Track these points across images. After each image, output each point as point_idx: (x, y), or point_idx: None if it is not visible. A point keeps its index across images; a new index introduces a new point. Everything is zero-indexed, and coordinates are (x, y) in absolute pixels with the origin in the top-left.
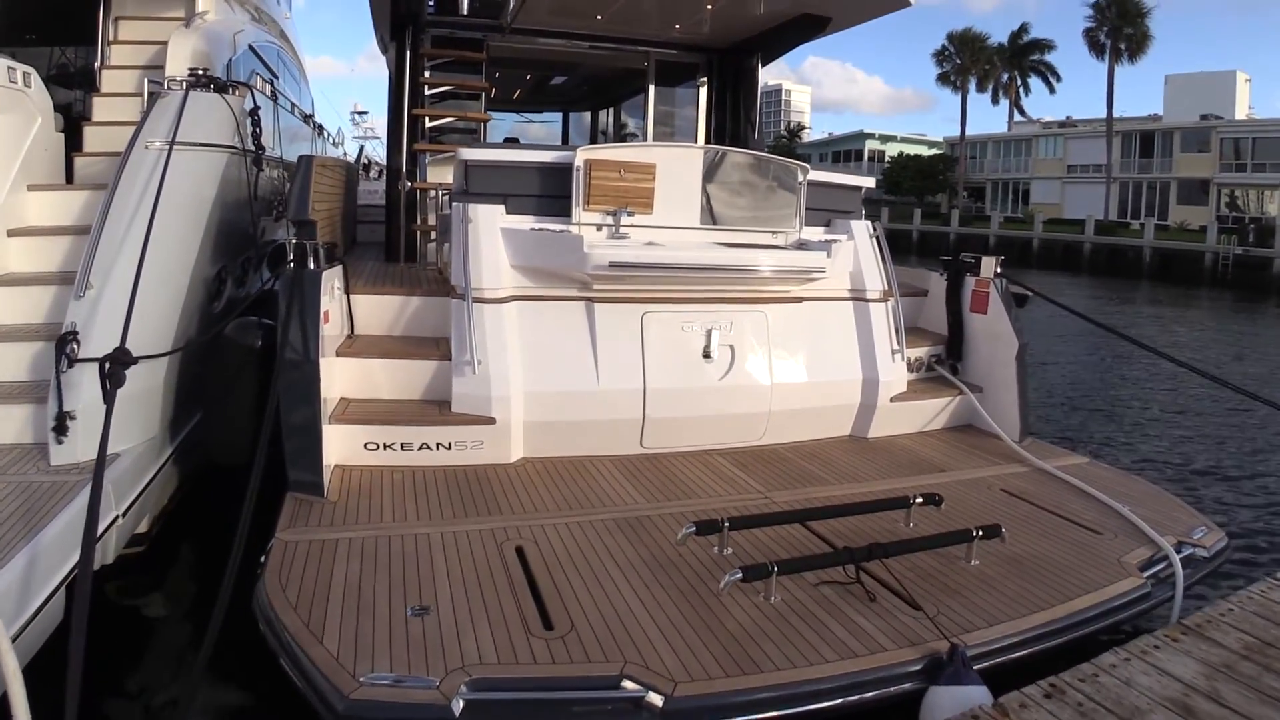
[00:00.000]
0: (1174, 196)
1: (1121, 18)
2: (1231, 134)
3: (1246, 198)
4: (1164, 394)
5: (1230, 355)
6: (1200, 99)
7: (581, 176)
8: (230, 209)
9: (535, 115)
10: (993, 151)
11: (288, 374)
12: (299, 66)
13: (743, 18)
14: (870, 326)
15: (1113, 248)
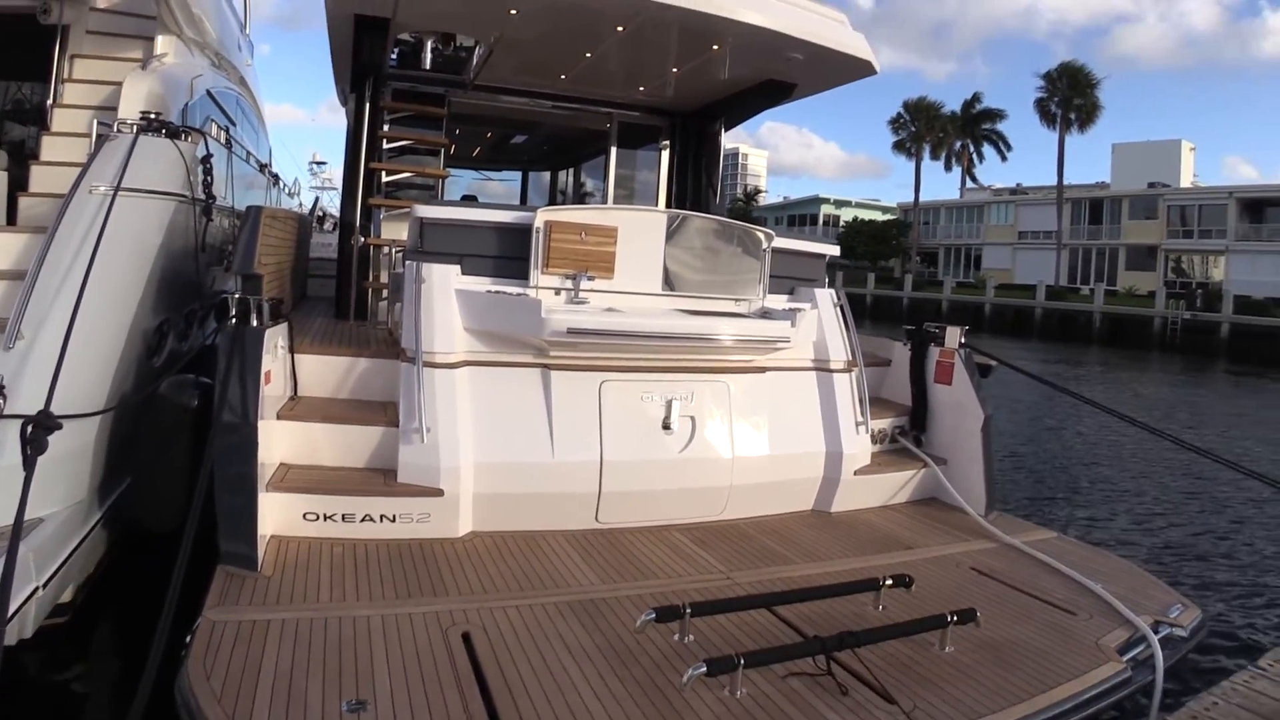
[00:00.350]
0: (1123, 262)
1: (1072, 89)
2: (1178, 201)
3: (1191, 263)
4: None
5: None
6: (1146, 167)
7: (541, 238)
8: (176, 259)
9: (494, 173)
10: (946, 217)
11: (224, 437)
12: (258, 114)
13: (707, 82)
14: (834, 397)
15: (1064, 313)
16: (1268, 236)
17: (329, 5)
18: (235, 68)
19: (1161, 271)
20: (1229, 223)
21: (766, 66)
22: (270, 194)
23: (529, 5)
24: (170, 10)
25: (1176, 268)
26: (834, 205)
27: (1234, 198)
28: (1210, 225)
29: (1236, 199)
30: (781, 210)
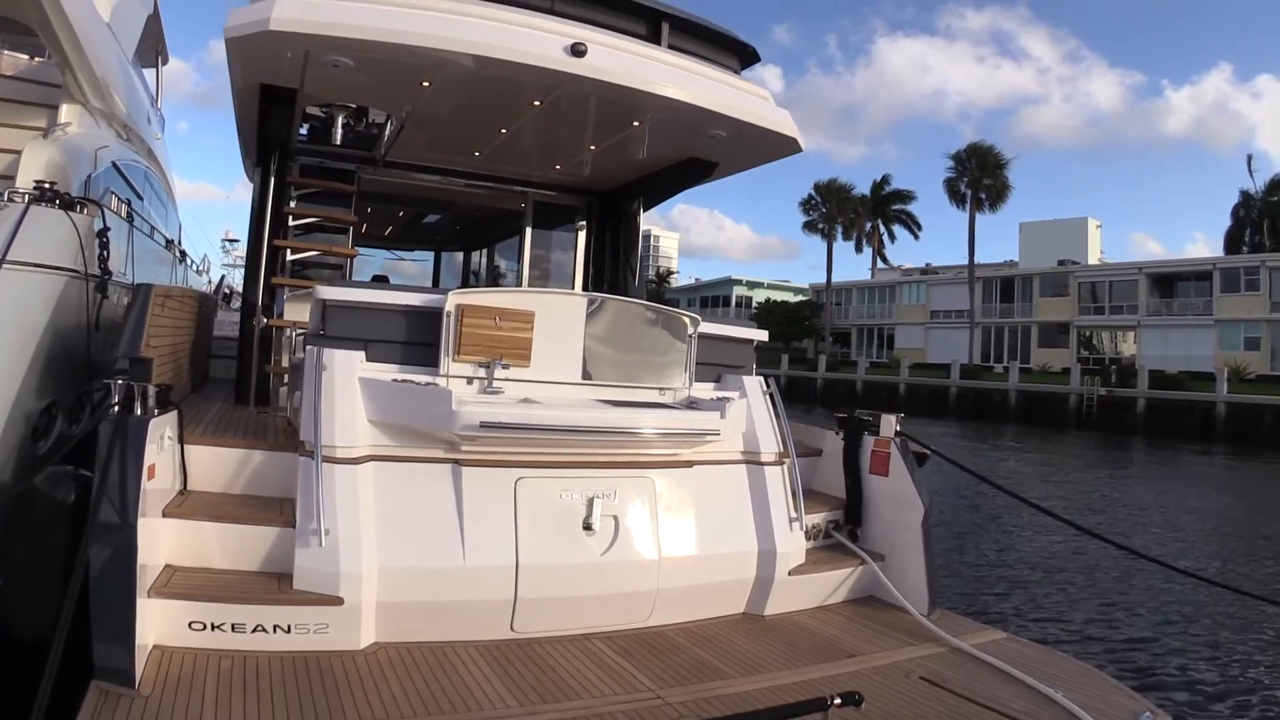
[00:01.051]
0: (1035, 339)
1: (981, 169)
2: (1088, 278)
3: (1101, 339)
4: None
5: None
6: (1054, 245)
7: (452, 323)
8: (66, 337)
9: (407, 253)
10: (858, 298)
11: (100, 537)
12: (167, 189)
13: (626, 161)
14: (766, 492)
15: (979, 391)
16: (1178, 311)
17: (234, 74)
18: (144, 141)
19: (1074, 348)
20: (1140, 298)
21: (688, 144)
22: (176, 271)
23: (442, 76)
24: (76, 79)
25: (1088, 343)
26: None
27: (1144, 273)
28: (1121, 301)
29: (1146, 274)
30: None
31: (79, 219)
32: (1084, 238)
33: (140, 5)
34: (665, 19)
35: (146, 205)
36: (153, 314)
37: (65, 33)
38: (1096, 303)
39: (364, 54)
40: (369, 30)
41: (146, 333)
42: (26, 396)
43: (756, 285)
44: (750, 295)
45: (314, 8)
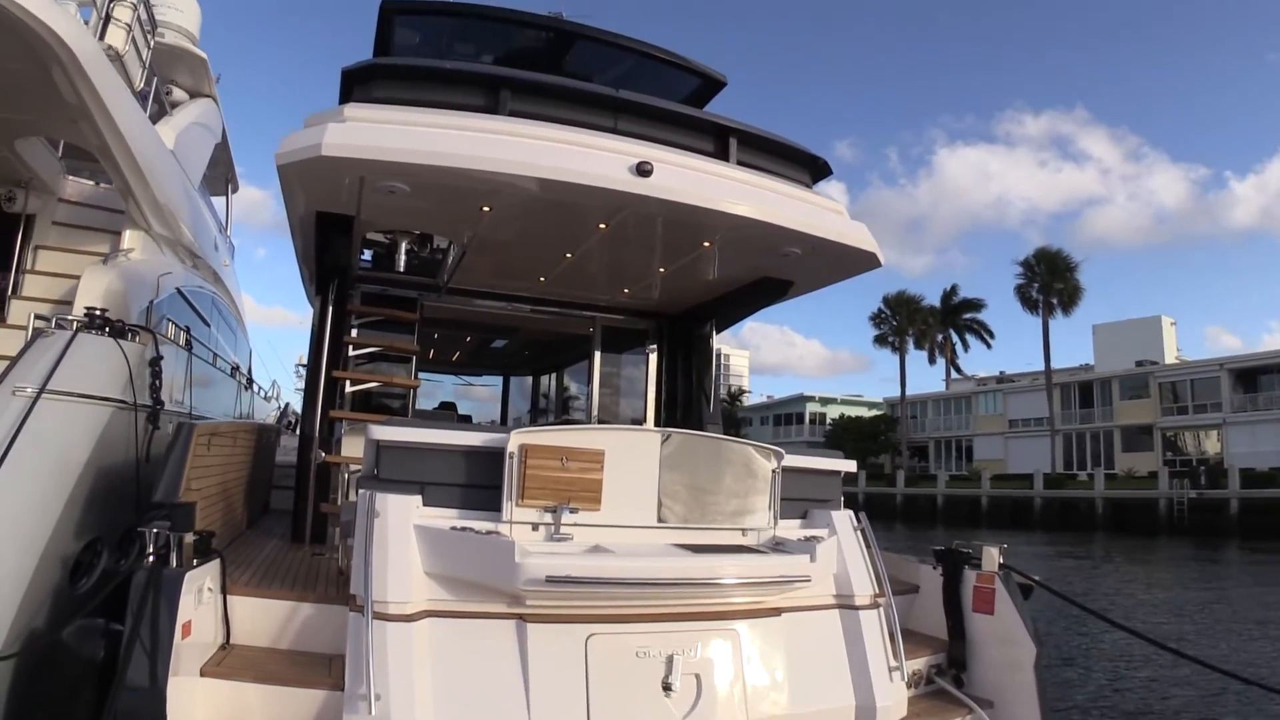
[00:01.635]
0: (1118, 444)
1: (1051, 273)
2: (1169, 378)
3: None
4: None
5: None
6: (1129, 346)
7: (515, 464)
8: (113, 470)
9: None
10: (933, 410)
11: (126, 700)
12: (236, 315)
13: (697, 282)
14: (862, 639)
15: (1064, 501)
16: (1264, 405)
17: (289, 201)
18: (210, 267)
19: (1159, 451)
20: (1223, 395)
21: (761, 263)
22: (242, 398)
23: (503, 201)
24: (139, 205)
25: (1172, 445)
26: (819, 403)
27: (1225, 369)
28: (1204, 399)
29: (1228, 370)
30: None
31: (130, 347)
32: (1159, 336)
33: (208, 134)
34: (733, 134)
35: (213, 331)
36: (196, 454)
37: (126, 159)
38: (1179, 402)
39: (421, 180)
40: (425, 155)
41: (186, 475)
42: (64, 536)
43: (830, 401)
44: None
45: (368, 132)
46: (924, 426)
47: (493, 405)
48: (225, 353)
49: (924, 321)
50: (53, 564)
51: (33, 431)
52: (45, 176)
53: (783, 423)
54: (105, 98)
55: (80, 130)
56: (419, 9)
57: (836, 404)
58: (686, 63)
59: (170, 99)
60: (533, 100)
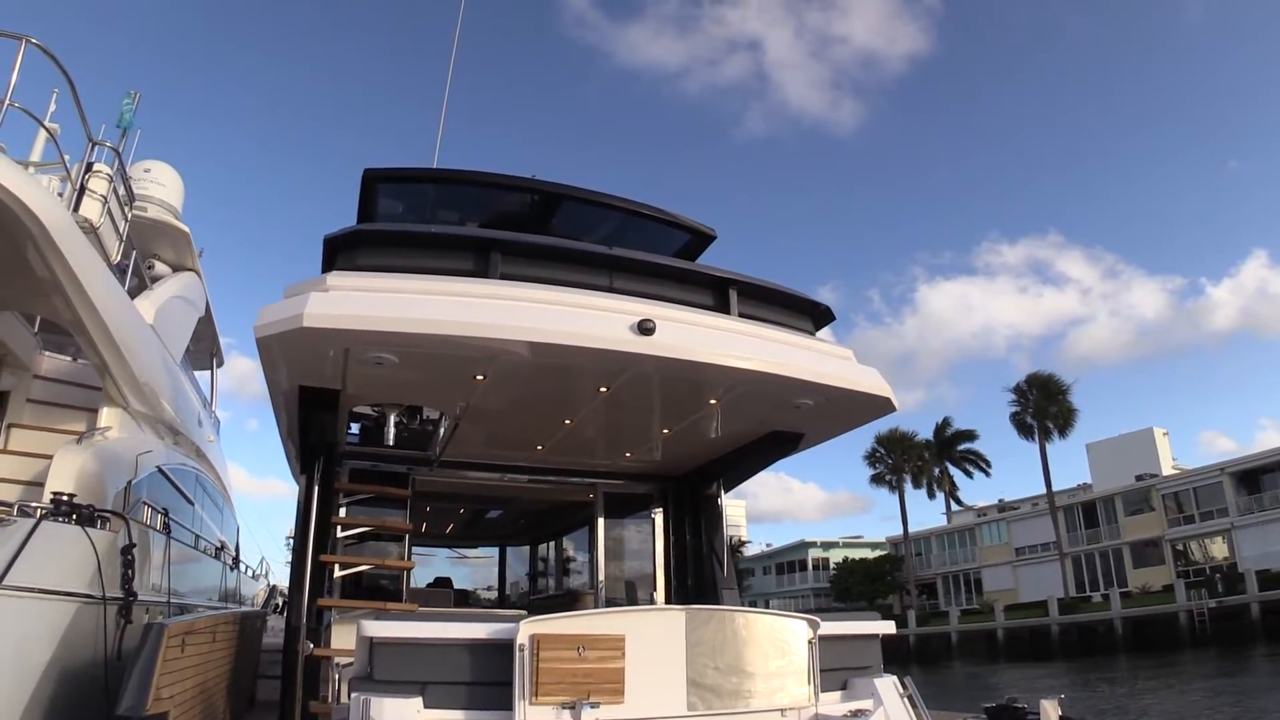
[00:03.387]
0: (1128, 561)
1: (1045, 397)
2: (1171, 489)
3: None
4: None
5: None
6: (1124, 461)
7: (527, 658)
8: (79, 672)
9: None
10: (937, 545)
11: None
12: (222, 491)
13: (702, 442)
14: None
15: (1081, 625)
16: (1270, 505)
17: (270, 376)
18: (194, 443)
19: (1170, 563)
20: (1228, 499)
21: (769, 417)
22: (228, 577)
23: (497, 369)
24: (115, 382)
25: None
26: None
27: (1226, 473)
28: (1209, 506)
29: (1229, 474)
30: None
31: (99, 535)
32: (1153, 448)
33: (190, 307)
34: (733, 285)
35: (197, 510)
36: (168, 658)
37: (101, 334)
38: (1184, 512)
39: (409, 349)
40: (413, 323)
41: (155, 684)
42: None
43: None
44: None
45: (352, 301)
46: (929, 563)
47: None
48: (210, 531)
49: (919, 457)
50: None
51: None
52: (19, 352)
53: (785, 570)
54: (78, 271)
55: (54, 305)
56: (402, 176)
57: (838, 547)
58: (675, 218)
59: (152, 273)
60: (524, 262)
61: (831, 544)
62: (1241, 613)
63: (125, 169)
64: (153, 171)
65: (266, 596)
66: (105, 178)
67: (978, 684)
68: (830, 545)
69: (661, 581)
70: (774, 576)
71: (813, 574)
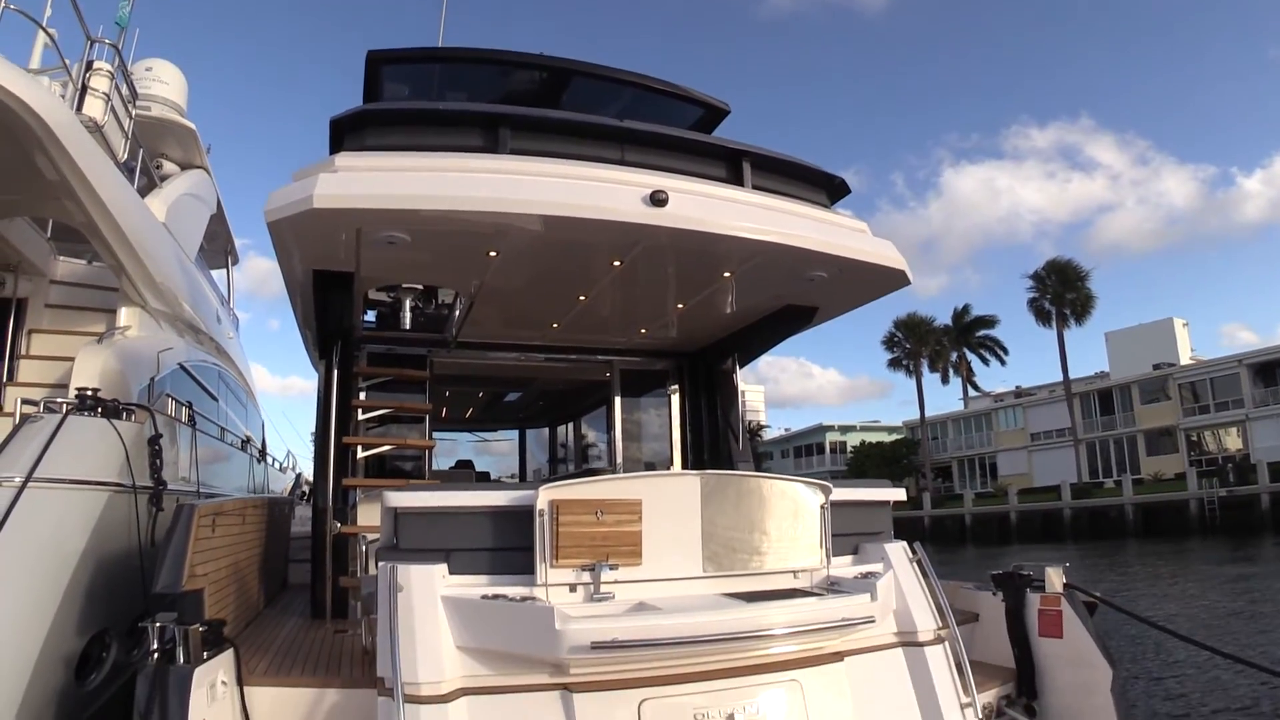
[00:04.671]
0: (1142, 449)
1: (1063, 284)
2: (1187, 379)
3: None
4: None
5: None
6: (1143, 350)
7: (546, 523)
8: (115, 559)
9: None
10: (954, 430)
11: None
12: (245, 387)
13: (717, 317)
14: (929, 677)
15: (1093, 510)
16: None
17: (284, 262)
18: (214, 339)
19: (1184, 452)
20: (1244, 391)
21: (784, 291)
22: (255, 470)
23: (510, 244)
24: (132, 281)
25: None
26: (838, 432)
27: (1244, 365)
28: (1225, 396)
29: (1246, 366)
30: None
31: (125, 427)
32: (1172, 338)
33: (201, 205)
34: (746, 158)
35: (221, 405)
36: (200, 537)
37: (114, 234)
38: (1200, 402)
39: (422, 227)
40: (425, 199)
41: (189, 561)
42: (65, 631)
43: (849, 429)
44: (844, 440)
45: (361, 181)
46: (945, 447)
47: (510, 459)
48: (235, 426)
49: (937, 342)
50: (54, 663)
51: (21, 523)
52: (34, 258)
53: (803, 454)
54: (87, 171)
55: (65, 208)
56: (407, 57)
57: (856, 431)
58: (688, 93)
59: (160, 172)
60: (534, 136)
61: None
62: (1252, 503)
63: (126, 67)
64: (154, 70)
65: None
66: (107, 75)
67: (989, 563)
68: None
69: (678, 459)
70: (791, 460)
71: (830, 458)
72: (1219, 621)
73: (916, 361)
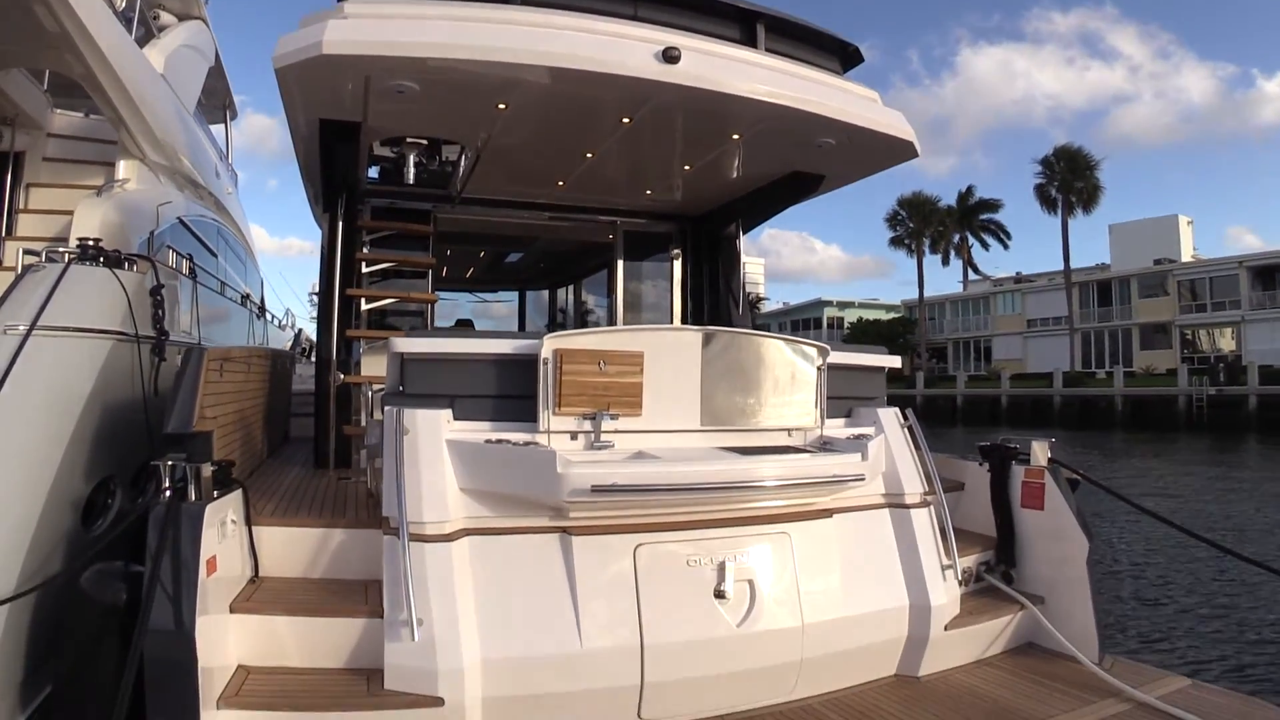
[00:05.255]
0: (1136, 342)
1: (1071, 172)
2: (1187, 276)
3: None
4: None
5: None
6: (1145, 245)
7: (550, 371)
8: (119, 407)
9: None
10: (951, 312)
11: (153, 644)
12: (244, 244)
13: (723, 181)
14: (914, 538)
15: (1084, 399)
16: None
17: (290, 110)
18: (213, 195)
19: (1178, 349)
20: (1242, 292)
21: (792, 157)
22: (255, 326)
23: (519, 97)
24: (130, 133)
25: (1190, 343)
26: (837, 307)
27: (1244, 267)
28: (1223, 296)
29: (1246, 268)
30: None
31: (127, 277)
32: (1175, 235)
33: (199, 56)
34: (760, 19)
35: (220, 262)
36: (209, 380)
37: (113, 84)
38: (1197, 300)
39: (430, 75)
40: (435, 48)
41: (199, 403)
42: (71, 475)
43: (847, 305)
44: (841, 316)
45: (371, 27)
46: (942, 328)
47: (509, 321)
48: (235, 282)
49: (940, 223)
50: (61, 506)
51: (26, 370)
52: (32, 111)
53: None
54: (86, 21)
55: (64, 59)
56: None
57: (854, 308)
58: None
59: (157, 23)
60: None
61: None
62: (1240, 403)
63: None
64: None
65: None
66: None
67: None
68: (846, 305)
69: (679, 322)
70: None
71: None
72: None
73: (918, 241)
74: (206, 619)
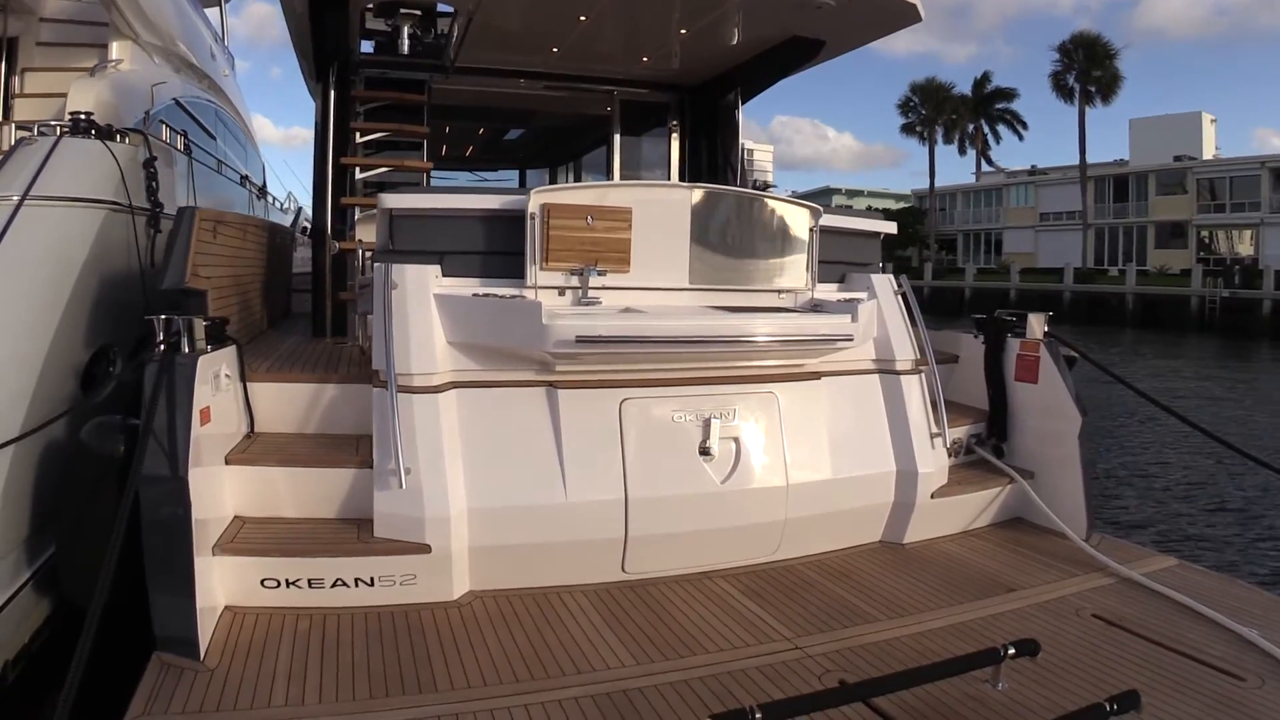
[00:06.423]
0: (1151, 240)
1: (1090, 60)
2: (1207, 174)
3: (1218, 238)
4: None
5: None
6: (1166, 141)
7: (538, 226)
8: (115, 277)
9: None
10: (963, 202)
11: (148, 492)
12: (243, 127)
13: (721, 46)
14: (903, 404)
15: (1094, 295)
16: None
17: None
18: (210, 77)
19: (1193, 248)
20: (1263, 194)
21: (790, 19)
22: (255, 207)
23: None
24: (122, 12)
25: (1206, 245)
26: (846, 195)
27: (1266, 168)
28: (1242, 198)
29: (1269, 169)
30: None
31: (120, 149)
32: (1198, 132)
33: None
34: None
35: (218, 143)
36: (201, 239)
37: None
38: (1216, 200)
39: None
40: None
41: (191, 261)
42: (69, 343)
43: (856, 194)
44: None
45: None
46: (953, 219)
47: None
48: (234, 163)
49: (954, 111)
50: (62, 370)
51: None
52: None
53: None
54: None
55: None
56: None
57: (863, 196)
58: None
59: None
60: None
61: (856, 192)
62: (1253, 307)
63: None
64: None
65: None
66: None
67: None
68: (855, 193)
69: None
70: None
71: None
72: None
73: (931, 129)
74: (201, 469)
